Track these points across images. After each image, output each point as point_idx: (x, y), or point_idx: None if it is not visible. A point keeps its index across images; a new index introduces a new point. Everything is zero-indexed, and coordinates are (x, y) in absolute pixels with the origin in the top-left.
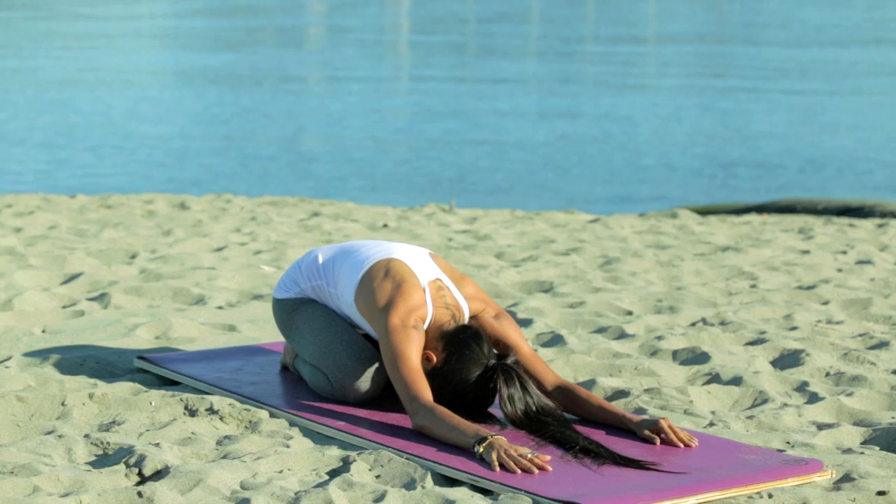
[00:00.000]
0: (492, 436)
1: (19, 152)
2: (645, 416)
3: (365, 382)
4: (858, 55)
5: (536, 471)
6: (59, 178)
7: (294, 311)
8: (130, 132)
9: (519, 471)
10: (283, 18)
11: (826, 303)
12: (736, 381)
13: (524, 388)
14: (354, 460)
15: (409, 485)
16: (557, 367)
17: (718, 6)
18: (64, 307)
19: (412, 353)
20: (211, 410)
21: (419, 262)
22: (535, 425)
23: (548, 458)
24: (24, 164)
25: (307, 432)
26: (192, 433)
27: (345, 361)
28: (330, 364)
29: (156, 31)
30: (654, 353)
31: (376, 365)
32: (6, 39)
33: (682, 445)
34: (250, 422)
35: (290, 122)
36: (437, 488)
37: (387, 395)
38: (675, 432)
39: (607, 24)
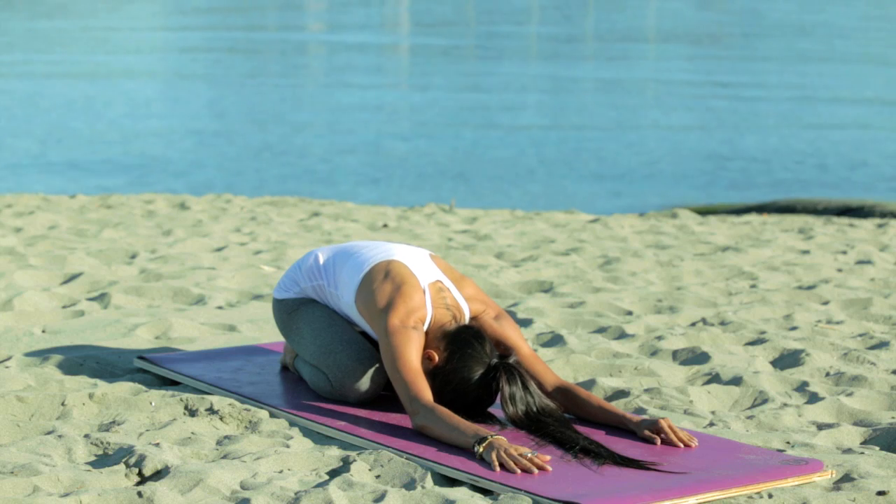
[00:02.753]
0: (492, 436)
1: (18, 151)
2: (645, 416)
3: (365, 382)
4: (858, 54)
5: (536, 471)
6: (58, 177)
7: (294, 311)
8: (130, 131)
9: (519, 471)
10: (283, 15)
11: (826, 303)
12: (736, 381)
13: (525, 388)
14: (354, 460)
15: (409, 485)
16: (557, 367)
17: (717, 4)
18: (64, 307)
19: (412, 353)
20: (211, 410)
21: (419, 264)
22: (536, 425)
23: (548, 457)
24: (24, 163)
25: (307, 432)
26: (192, 433)
27: (345, 361)
28: (330, 364)
29: (153, 33)
30: (654, 353)
31: (376, 365)
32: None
33: (682, 445)
34: (250, 422)
35: (291, 122)
36: (437, 488)
37: (387, 395)
38: (675, 432)
39: (607, 22)
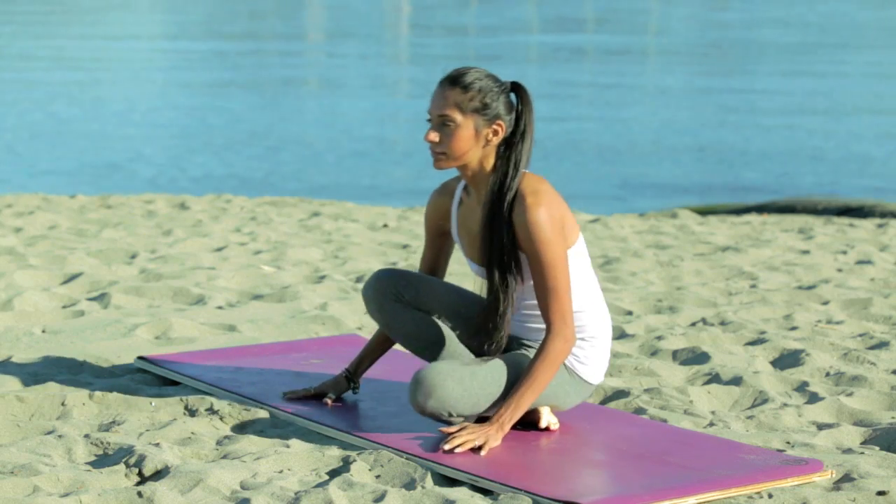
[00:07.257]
0: None
1: (18, 151)
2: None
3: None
4: (858, 52)
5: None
6: (58, 177)
7: None
8: (129, 131)
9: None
10: (282, 21)
11: (826, 303)
12: (736, 381)
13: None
14: (354, 460)
15: (409, 485)
16: None
17: (718, 3)
18: (64, 307)
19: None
20: (211, 410)
21: None
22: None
23: None
24: (23, 163)
25: (307, 432)
26: (192, 433)
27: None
28: None
29: (154, 36)
30: (654, 353)
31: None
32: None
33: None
34: (250, 422)
35: (292, 121)
36: (437, 488)
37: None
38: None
39: (606, 20)
